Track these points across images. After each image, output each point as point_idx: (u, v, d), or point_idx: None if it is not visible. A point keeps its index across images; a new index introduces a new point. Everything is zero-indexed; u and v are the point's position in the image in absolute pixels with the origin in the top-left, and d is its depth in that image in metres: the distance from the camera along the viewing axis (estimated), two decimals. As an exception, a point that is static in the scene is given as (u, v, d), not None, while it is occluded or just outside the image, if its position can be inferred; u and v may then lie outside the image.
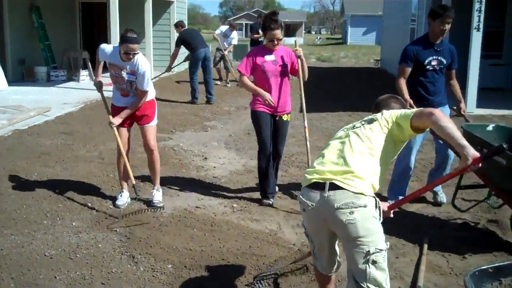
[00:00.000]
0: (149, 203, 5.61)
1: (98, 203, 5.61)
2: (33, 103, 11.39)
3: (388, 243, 2.98)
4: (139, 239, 4.71)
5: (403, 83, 5.54)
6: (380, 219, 2.98)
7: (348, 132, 3.26)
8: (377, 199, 2.99)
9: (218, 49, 15.71)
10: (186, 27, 13.35)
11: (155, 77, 15.08)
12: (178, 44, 12.74)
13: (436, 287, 4.03)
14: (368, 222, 2.90)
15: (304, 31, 76.78)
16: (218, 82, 15.70)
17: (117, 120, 5.38)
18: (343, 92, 14.85)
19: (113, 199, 5.68)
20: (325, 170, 3.06)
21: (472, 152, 2.85)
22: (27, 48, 15.38)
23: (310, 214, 3.07)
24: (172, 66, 13.43)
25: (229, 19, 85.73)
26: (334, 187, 2.96)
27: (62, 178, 6.37)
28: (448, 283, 4.09)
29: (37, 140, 8.22)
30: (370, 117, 3.34)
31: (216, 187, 6.29)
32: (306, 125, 6.02)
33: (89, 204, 5.54)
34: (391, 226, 5.04)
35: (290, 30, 69.40)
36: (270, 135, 5.68)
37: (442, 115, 2.97)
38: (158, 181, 5.78)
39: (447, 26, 5.38)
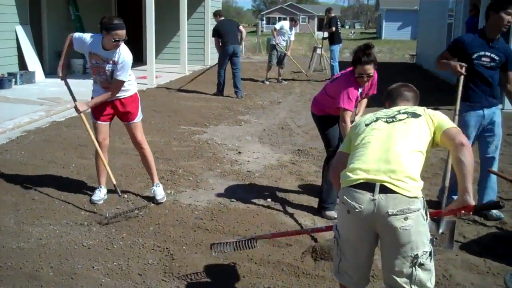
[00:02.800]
0: (152, 200, 5.49)
1: (134, 195, 5.67)
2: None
3: (433, 238, 2.93)
4: (174, 233, 4.76)
5: (439, 58, 5.31)
6: (427, 218, 2.85)
7: (393, 125, 3.03)
8: (423, 197, 2.84)
9: (273, 46, 15.18)
10: (223, 17, 13.32)
11: (203, 71, 15.13)
12: (214, 34, 12.87)
13: (473, 286, 3.99)
14: (420, 226, 2.77)
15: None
16: (267, 82, 15.33)
17: (83, 106, 5.20)
18: (378, 87, 14.67)
19: (149, 192, 5.74)
20: (372, 169, 2.84)
21: (470, 201, 2.83)
22: (64, 40, 15.56)
23: (356, 217, 2.82)
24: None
25: (262, 13, 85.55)
26: (385, 190, 2.76)
27: (98, 169, 6.46)
28: (485, 282, 4.04)
29: (74, 131, 8.35)
30: (411, 110, 3.15)
31: (250, 181, 6.30)
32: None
33: (125, 196, 5.61)
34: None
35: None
36: (340, 137, 5.28)
37: (470, 153, 2.83)
38: (155, 177, 5.61)
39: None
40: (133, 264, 4.17)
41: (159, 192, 5.52)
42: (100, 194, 5.52)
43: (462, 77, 5.15)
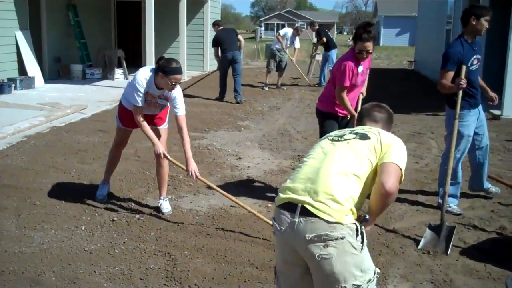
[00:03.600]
0: (157, 210, 5.44)
1: (135, 200, 5.69)
2: (70, 100, 11.58)
3: (377, 269, 2.72)
4: (175, 237, 4.77)
5: (446, 84, 5.43)
6: (363, 247, 2.62)
7: (334, 144, 2.83)
8: (358, 224, 2.63)
9: (273, 51, 15.22)
10: (222, 26, 13.49)
11: (201, 78, 15.20)
12: (213, 44, 13.06)
13: (473, 291, 4.01)
14: (347, 255, 2.54)
15: (336, 32, 76.42)
16: (266, 88, 15.29)
17: (193, 166, 5.23)
18: (376, 93, 14.68)
19: (150, 197, 5.76)
20: (298, 188, 2.65)
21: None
22: (63, 46, 15.64)
23: (280, 239, 2.71)
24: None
25: (260, 19, 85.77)
26: (306, 212, 2.56)
27: (99, 175, 6.44)
28: (485, 287, 4.06)
29: (74, 137, 8.37)
30: (363, 131, 2.91)
31: (250, 186, 6.32)
32: None
33: (126, 201, 5.62)
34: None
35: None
36: None
37: (387, 202, 2.69)
38: (165, 190, 5.54)
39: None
40: (135, 269, 4.18)
41: (166, 205, 5.44)
42: (104, 190, 5.65)
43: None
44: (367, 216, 2.73)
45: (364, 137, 2.83)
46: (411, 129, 9.75)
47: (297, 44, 15.61)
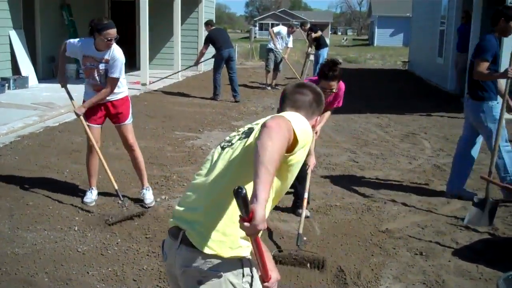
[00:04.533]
0: (141, 204, 5.50)
1: (129, 200, 5.68)
2: (63, 100, 11.46)
3: None
4: (169, 237, 4.77)
5: (486, 72, 5.57)
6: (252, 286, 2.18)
7: (220, 153, 2.30)
8: (247, 259, 2.18)
9: (270, 50, 15.24)
10: (215, 26, 13.51)
11: (181, 70, 15.23)
12: (206, 42, 13.09)
13: (465, 292, 4.03)
14: None
15: (330, 32, 76.50)
16: (269, 88, 15.27)
17: (81, 109, 5.29)
18: (371, 93, 14.80)
19: (142, 196, 5.76)
20: (182, 211, 2.27)
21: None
22: (57, 45, 15.46)
23: (166, 267, 2.37)
24: (199, 62, 13.73)
25: (255, 19, 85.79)
26: (187, 240, 2.17)
27: (92, 175, 6.46)
28: (477, 288, 4.08)
29: (68, 137, 8.36)
30: (255, 124, 2.35)
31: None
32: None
33: (119, 202, 5.61)
34: (420, 229, 5.07)
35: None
36: None
37: (272, 135, 1.93)
38: (146, 180, 5.66)
39: None
40: (128, 270, 4.18)
41: (148, 196, 5.57)
42: (92, 196, 5.58)
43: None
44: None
45: (248, 133, 2.26)
46: (405, 129, 9.77)
47: (290, 43, 15.62)
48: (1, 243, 4.56)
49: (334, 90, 5.04)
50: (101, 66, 5.26)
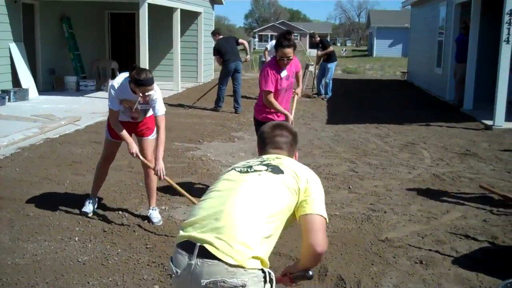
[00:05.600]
0: (147, 219, 5.47)
1: (129, 211, 5.70)
2: (64, 112, 11.59)
3: None
4: (169, 248, 4.78)
5: None
6: None
7: (243, 175, 2.48)
8: (267, 270, 2.28)
9: (263, 62, 15.49)
10: (221, 35, 13.52)
11: (206, 93, 15.22)
12: (214, 53, 13.09)
13: (465, 300, 4.03)
14: None
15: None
16: None
17: (160, 165, 5.22)
18: (370, 104, 14.85)
19: (143, 208, 5.77)
20: (199, 225, 2.31)
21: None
22: (57, 58, 15.67)
23: (175, 283, 2.36)
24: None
25: (254, 31, 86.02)
26: (205, 253, 2.19)
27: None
28: (477, 296, 4.09)
29: (68, 148, 8.38)
30: (273, 162, 2.58)
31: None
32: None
33: (120, 212, 5.64)
34: (420, 238, 5.08)
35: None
36: None
37: (316, 261, 2.45)
38: (154, 200, 5.58)
39: None
40: (128, 280, 4.19)
41: (156, 215, 5.49)
42: (91, 207, 5.57)
43: None
44: (311, 272, 2.46)
45: (276, 170, 2.49)
46: (404, 139, 9.79)
47: None
48: (2, 253, 4.57)
49: (290, 57, 5.57)
50: (140, 107, 5.28)
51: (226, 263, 2.15)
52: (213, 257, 2.18)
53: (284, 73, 5.72)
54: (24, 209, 5.61)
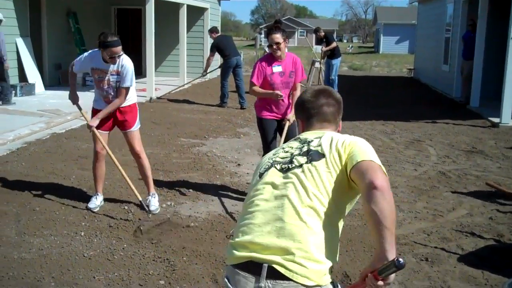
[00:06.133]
0: (147, 209, 5.50)
1: (135, 206, 5.71)
2: (70, 107, 11.52)
3: None
4: (174, 243, 4.79)
5: None
6: None
7: (287, 177, 2.21)
8: (335, 282, 2.16)
9: None
10: (220, 33, 13.56)
11: (188, 82, 15.26)
12: (213, 50, 13.06)
13: (471, 298, 4.03)
14: None
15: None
16: None
17: (94, 121, 5.32)
18: (376, 100, 14.82)
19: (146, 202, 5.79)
20: (259, 243, 2.09)
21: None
22: (64, 53, 15.67)
23: None
24: (207, 72, 13.73)
25: (260, 27, 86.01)
26: (275, 274, 2.02)
27: (99, 181, 6.49)
28: (483, 294, 4.08)
29: (74, 143, 8.40)
30: (313, 145, 2.29)
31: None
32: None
33: (126, 207, 5.65)
34: (425, 235, 5.07)
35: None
36: (275, 140, 6.02)
37: (387, 199, 2.00)
38: (152, 186, 5.69)
39: None
40: (134, 275, 4.20)
41: (154, 202, 5.59)
42: (97, 202, 5.60)
43: None
44: (401, 260, 1.90)
45: (316, 156, 2.22)
46: (410, 136, 9.77)
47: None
48: (8, 248, 4.59)
49: (279, 42, 5.61)
50: (112, 78, 5.33)
51: (303, 285, 2.01)
52: (286, 278, 2.01)
53: (277, 68, 5.76)
54: (30, 204, 5.63)
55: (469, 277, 4.30)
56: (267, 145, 6.02)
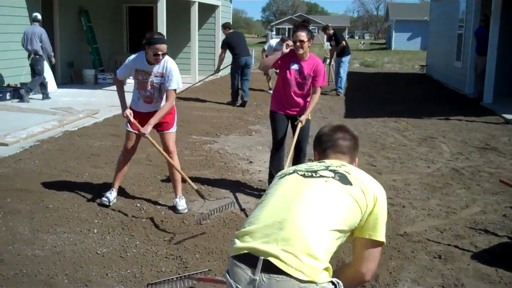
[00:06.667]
0: (173, 209, 5.55)
1: (147, 204, 5.72)
2: (82, 105, 11.66)
3: None
4: (186, 241, 4.79)
5: None
6: None
7: (309, 181, 2.27)
8: (337, 281, 2.15)
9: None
10: (232, 30, 13.50)
11: (200, 80, 15.27)
12: (224, 46, 13.03)
13: (485, 295, 4.00)
14: None
15: (347, 36, 76.32)
16: (270, 91, 15.41)
17: (147, 129, 5.24)
18: (388, 97, 14.75)
19: (161, 200, 5.80)
20: (260, 235, 2.12)
21: None
22: (76, 51, 15.76)
23: None
24: (220, 69, 13.69)
25: (272, 24, 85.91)
26: (270, 267, 2.03)
27: (111, 179, 6.48)
28: (497, 292, 4.05)
29: (86, 141, 8.43)
30: (340, 170, 2.37)
31: (261, 190, 6.33)
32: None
33: (138, 205, 5.66)
34: (438, 232, 5.04)
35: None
36: (285, 135, 6.05)
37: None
38: (180, 189, 5.64)
39: None
40: (147, 272, 4.21)
41: (181, 204, 5.55)
42: (111, 197, 5.63)
43: None
44: None
45: (344, 180, 2.29)
46: (423, 133, 9.72)
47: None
48: (22, 245, 4.61)
49: (303, 40, 5.59)
50: (156, 80, 5.33)
51: (297, 279, 2.01)
52: (280, 271, 2.02)
53: (295, 66, 5.75)
54: (43, 201, 5.66)
55: (483, 275, 4.27)
56: (276, 140, 6.07)
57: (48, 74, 13.80)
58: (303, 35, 5.58)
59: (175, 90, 5.37)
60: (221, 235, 4.94)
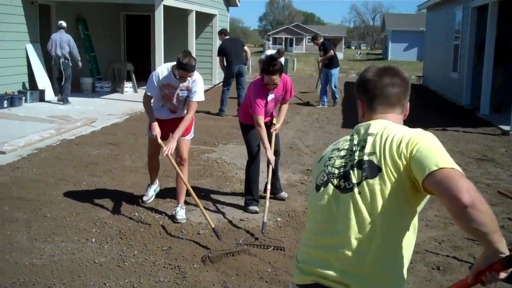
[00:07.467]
0: (172, 218, 5.55)
1: (145, 213, 5.71)
2: (80, 113, 11.66)
3: None
4: (185, 251, 4.79)
5: None
6: None
7: (347, 199, 1.99)
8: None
9: None
10: (228, 36, 13.50)
11: (207, 90, 15.25)
12: (219, 53, 12.97)
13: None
14: None
15: (343, 46, 76.61)
16: None
17: (171, 146, 5.30)
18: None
19: (160, 210, 5.79)
20: (328, 263, 1.97)
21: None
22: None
23: None
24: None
25: (268, 33, 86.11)
26: None
27: (109, 187, 6.51)
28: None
29: (84, 150, 8.42)
30: (367, 154, 2.02)
31: (259, 200, 6.32)
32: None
33: (136, 214, 5.65)
34: (437, 243, 5.04)
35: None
36: (259, 144, 6.02)
37: (483, 210, 1.77)
38: (183, 199, 5.64)
39: None
40: (145, 282, 4.20)
41: (181, 213, 5.53)
42: (149, 194, 5.99)
43: None
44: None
45: (373, 170, 1.98)
46: (420, 143, 9.72)
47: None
48: (20, 254, 4.60)
49: (277, 83, 5.67)
50: (181, 93, 5.44)
51: None
52: None
53: (271, 96, 5.85)
54: (41, 210, 5.65)
55: (481, 286, 4.26)
56: (253, 150, 6.09)
57: (45, 82, 13.80)
58: (276, 78, 5.63)
59: (198, 102, 5.50)
60: (219, 245, 4.92)
